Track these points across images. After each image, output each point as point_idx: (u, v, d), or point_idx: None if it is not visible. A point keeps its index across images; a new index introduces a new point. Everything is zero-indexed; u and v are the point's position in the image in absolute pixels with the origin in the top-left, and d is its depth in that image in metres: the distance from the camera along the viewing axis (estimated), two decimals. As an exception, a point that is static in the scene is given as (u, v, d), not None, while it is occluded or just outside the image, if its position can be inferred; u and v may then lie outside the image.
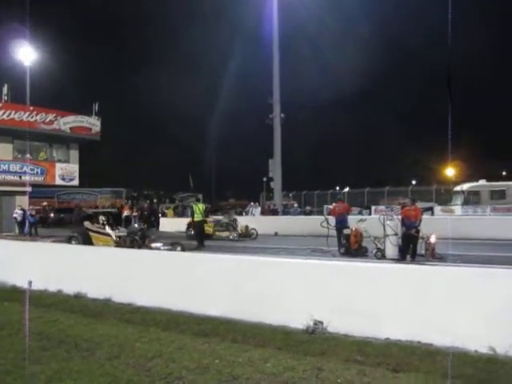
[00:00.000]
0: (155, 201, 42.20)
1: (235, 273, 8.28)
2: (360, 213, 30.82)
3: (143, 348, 6.37)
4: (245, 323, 7.38)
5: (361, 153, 64.90)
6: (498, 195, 32.67)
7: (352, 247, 15.03)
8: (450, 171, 42.71)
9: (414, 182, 50.05)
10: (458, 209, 32.04)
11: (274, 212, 31.75)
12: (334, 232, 16.13)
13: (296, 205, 37.20)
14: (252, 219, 28.50)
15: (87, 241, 16.17)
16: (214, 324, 7.41)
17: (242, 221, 23.74)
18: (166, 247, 14.64)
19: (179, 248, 14.57)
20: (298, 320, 6.96)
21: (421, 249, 13.72)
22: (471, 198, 33.36)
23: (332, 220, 16.43)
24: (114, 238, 16.20)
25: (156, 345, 6.48)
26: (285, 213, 32.53)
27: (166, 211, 36.70)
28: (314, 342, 6.48)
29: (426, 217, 16.44)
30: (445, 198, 36.08)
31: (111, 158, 52.26)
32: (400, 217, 14.09)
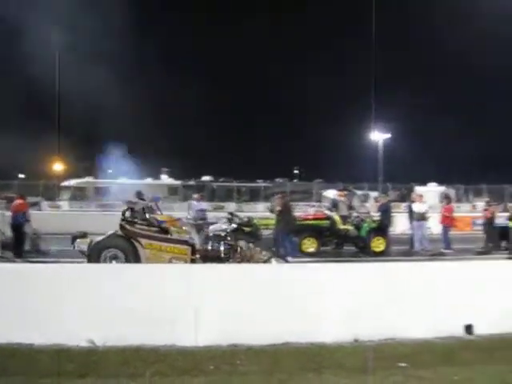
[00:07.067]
0: None
1: None
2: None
3: None
4: None
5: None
6: (102, 192, 34.83)
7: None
8: (58, 166, 43.13)
9: (22, 176, 48.23)
10: (65, 204, 32.69)
11: None
12: None
13: None
14: None
15: (134, 254, 9.84)
16: None
17: None
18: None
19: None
20: None
21: (28, 244, 13.49)
22: (78, 194, 34.60)
23: None
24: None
25: None
26: None
27: None
28: None
29: (33, 212, 16.35)
30: (53, 193, 36.22)
31: None
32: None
